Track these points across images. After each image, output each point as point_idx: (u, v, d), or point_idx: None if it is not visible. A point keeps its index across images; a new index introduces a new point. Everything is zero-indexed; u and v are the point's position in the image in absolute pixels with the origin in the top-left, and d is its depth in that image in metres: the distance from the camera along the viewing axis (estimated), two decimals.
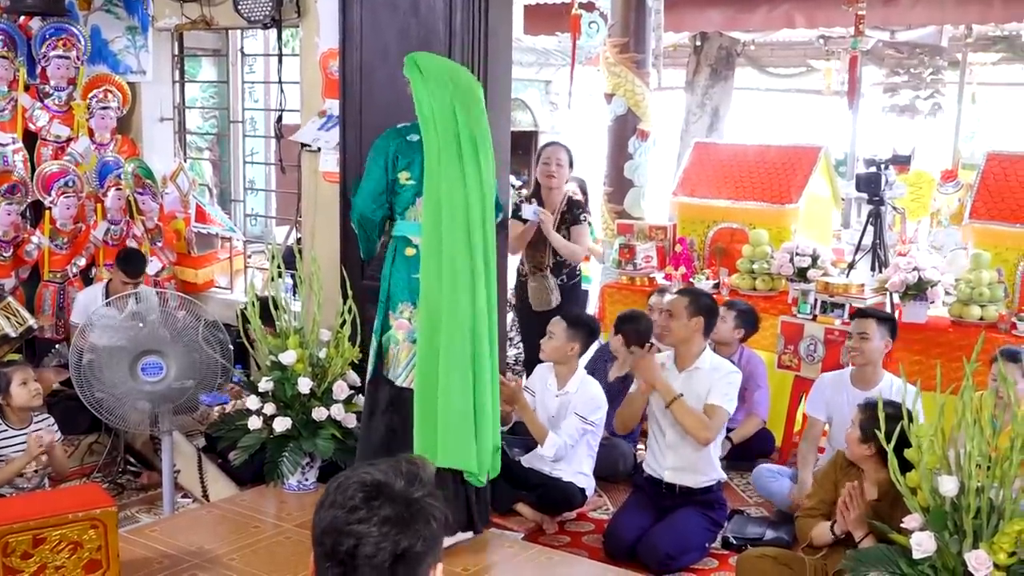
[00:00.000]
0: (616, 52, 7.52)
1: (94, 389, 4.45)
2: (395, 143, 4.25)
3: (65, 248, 6.43)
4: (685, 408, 4.41)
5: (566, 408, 4.88)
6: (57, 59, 6.41)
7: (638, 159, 7.51)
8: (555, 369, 5.00)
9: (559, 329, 4.96)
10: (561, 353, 4.95)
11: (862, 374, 4.82)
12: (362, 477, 1.76)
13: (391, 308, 4.19)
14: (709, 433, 4.43)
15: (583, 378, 4.98)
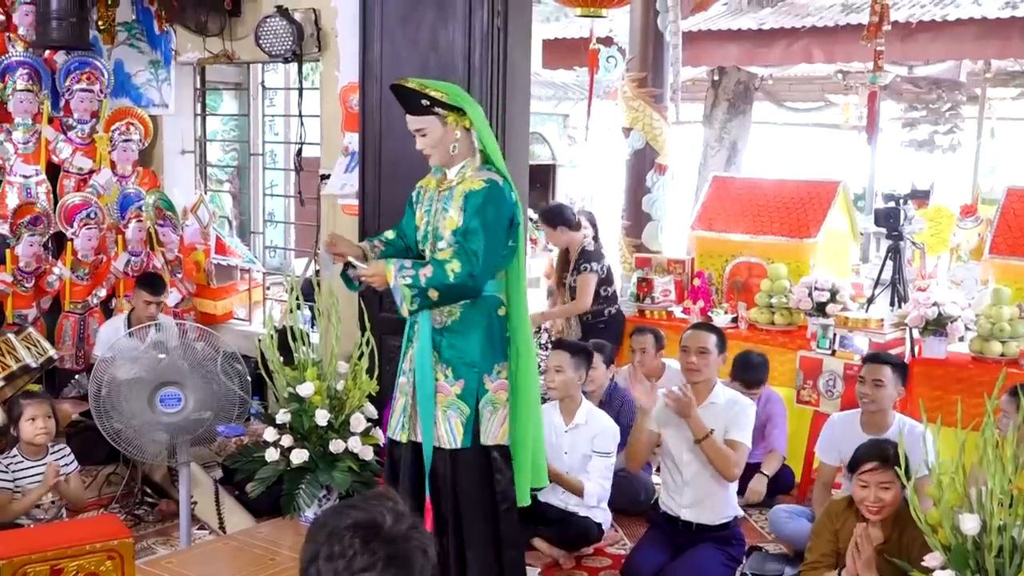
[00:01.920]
0: (634, 86, 7.56)
1: (113, 420, 4.46)
2: (514, 200, 3.84)
3: (86, 279, 6.48)
4: (716, 445, 4.35)
5: (579, 442, 4.85)
6: (81, 92, 6.49)
7: (656, 193, 7.53)
8: (559, 405, 4.97)
9: (565, 361, 4.91)
10: (573, 385, 4.93)
11: (873, 419, 4.77)
12: (350, 520, 1.72)
13: (487, 371, 3.90)
14: (737, 469, 4.39)
15: (589, 408, 4.95)
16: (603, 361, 5.43)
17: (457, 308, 3.84)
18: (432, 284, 3.67)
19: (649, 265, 6.93)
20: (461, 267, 3.68)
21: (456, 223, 3.76)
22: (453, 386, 3.85)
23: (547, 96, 13.72)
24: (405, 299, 3.69)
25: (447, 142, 3.80)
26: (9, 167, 6.29)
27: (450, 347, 3.85)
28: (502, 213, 3.77)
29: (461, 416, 3.86)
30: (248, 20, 6.37)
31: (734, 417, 4.43)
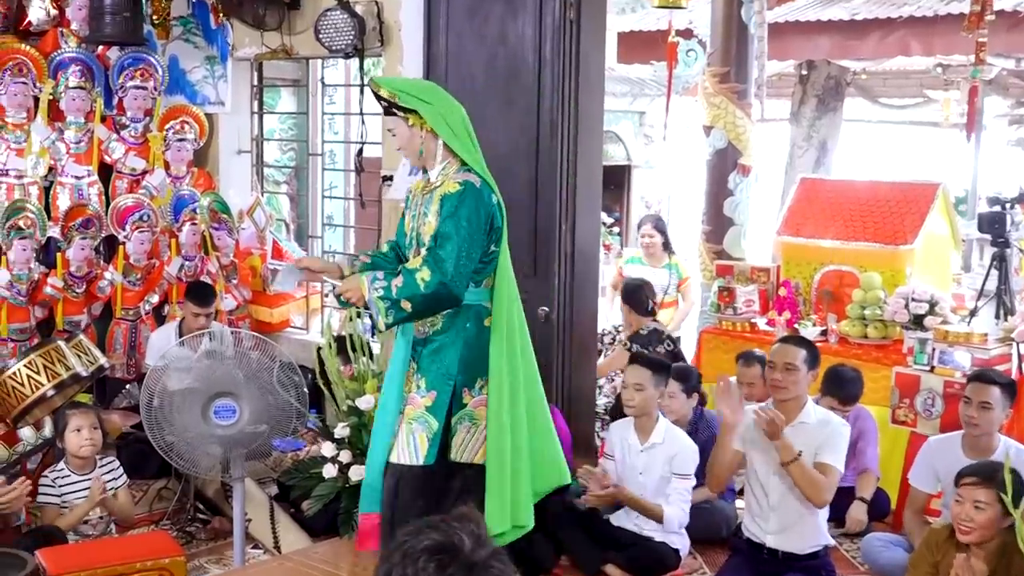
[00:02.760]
0: (716, 82, 7.50)
1: (164, 432, 4.52)
2: (493, 202, 3.88)
3: (138, 285, 6.59)
4: (805, 469, 4.28)
5: (655, 462, 4.82)
6: (134, 90, 6.62)
7: (739, 196, 7.46)
8: (635, 423, 4.94)
9: (645, 378, 4.87)
10: (653, 403, 4.89)
11: (977, 442, 4.66)
12: (427, 542, 1.69)
13: (468, 385, 3.93)
14: (828, 494, 4.33)
15: (667, 426, 4.91)
16: (684, 390, 5.30)
17: (439, 318, 3.89)
18: (403, 295, 3.69)
19: (731, 273, 6.86)
20: (431, 275, 3.68)
21: (434, 228, 3.79)
22: (424, 397, 3.89)
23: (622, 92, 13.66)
24: (380, 312, 3.71)
25: (413, 144, 3.89)
26: (61, 167, 6.43)
27: (429, 356, 3.90)
28: (479, 216, 3.77)
29: (428, 431, 3.87)
30: (307, 13, 6.44)
31: (826, 439, 4.36)
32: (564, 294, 5.44)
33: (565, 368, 5.50)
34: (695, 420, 5.34)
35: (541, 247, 5.41)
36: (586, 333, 5.71)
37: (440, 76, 5.57)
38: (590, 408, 5.99)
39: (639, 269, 7.59)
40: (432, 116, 3.84)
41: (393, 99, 3.82)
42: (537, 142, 5.35)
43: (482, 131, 5.39)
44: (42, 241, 6.23)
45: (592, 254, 5.77)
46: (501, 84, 5.43)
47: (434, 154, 3.88)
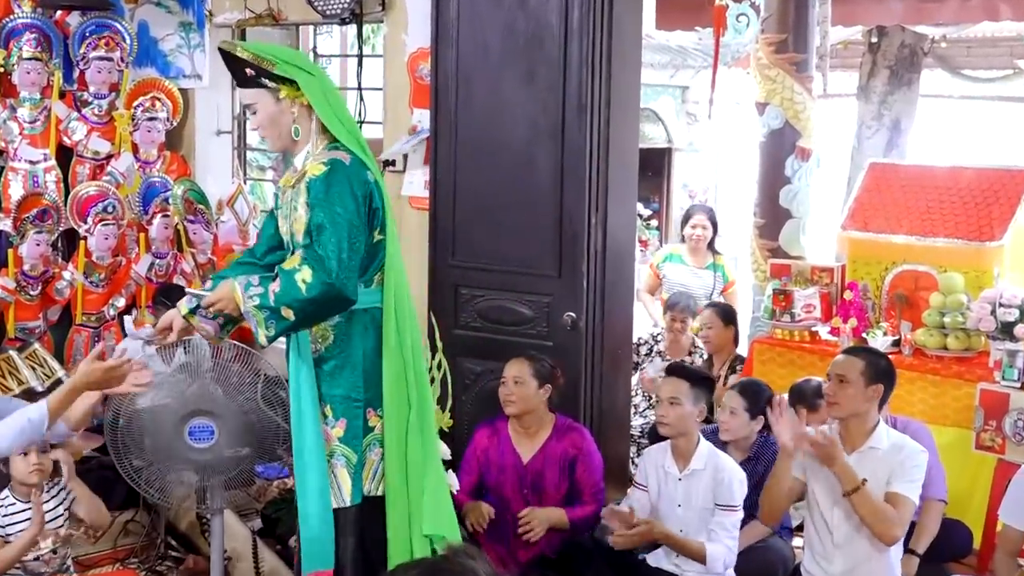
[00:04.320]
0: (771, 51, 7.49)
1: (132, 456, 4.55)
2: (370, 180, 3.83)
3: (102, 286, 6.62)
4: (869, 499, 4.29)
5: (696, 492, 4.81)
6: (98, 61, 6.64)
7: (797, 184, 7.44)
8: (672, 447, 4.93)
9: (683, 391, 4.86)
10: (691, 421, 4.89)
11: None
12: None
13: (373, 405, 3.91)
14: (898, 530, 4.33)
15: (709, 451, 4.90)
16: (748, 409, 5.28)
17: (330, 331, 3.84)
18: (283, 302, 3.63)
19: (788, 274, 6.85)
20: (313, 276, 3.62)
21: (305, 221, 3.74)
22: (334, 428, 3.86)
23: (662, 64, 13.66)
24: (259, 324, 3.66)
25: (283, 123, 3.82)
26: (13, 151, 6.45)
27: (329, 379, 3.86)
28: (354, 198, 3.71)
29: (348, 465, 3.86)
30: None
31: (899, 465, 4.36)
32: (593, 298, 5.45)
33: (594, 383, 5.52)
34: (758, 446, 5.31)
35: (567, 244, 5.42)
36: (619, 342, 5.71)
37: (451, 45, 5.59)
38: (623, 429, 5.99)
39: (678, 269, 7.59)
40: (313, 89, 3.77)
41: (266, 67, 3.73)
42: (562, 122, 5.36)
43: (499, 110, 5.45)
44: None
45: (626, 252, 5.78)
46: (521, 55, 5.43)
47: (307, 135, 3.83)
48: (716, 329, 6.57)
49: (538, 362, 5.10)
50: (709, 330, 6.60)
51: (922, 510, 5.26)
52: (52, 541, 4.77)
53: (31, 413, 3.92)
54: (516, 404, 5.07)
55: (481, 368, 5.61)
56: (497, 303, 5.61)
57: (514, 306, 5.57)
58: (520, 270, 5.52)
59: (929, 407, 5.84)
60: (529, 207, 5.45)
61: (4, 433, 3.92)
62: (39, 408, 3.91)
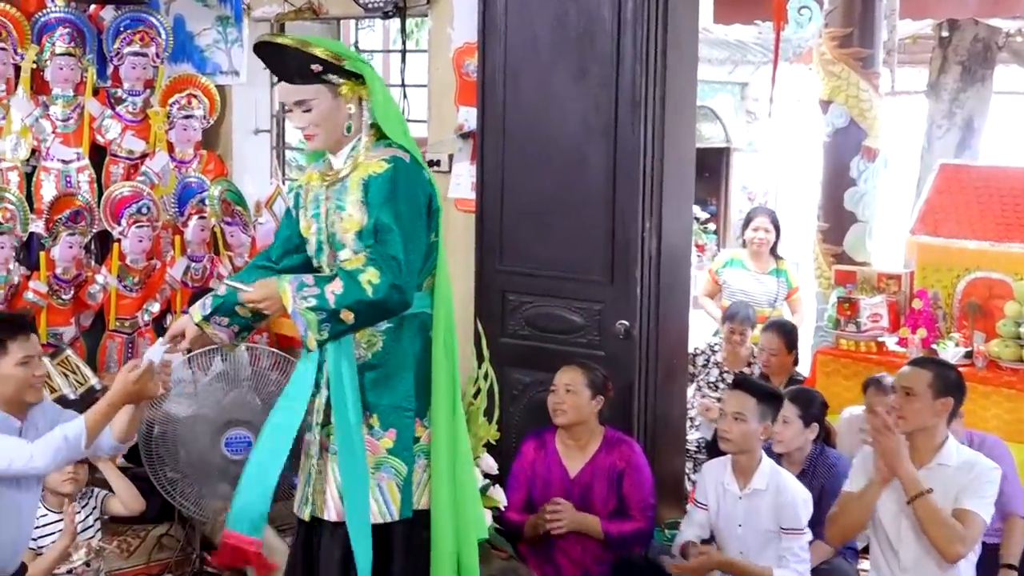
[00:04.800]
0: (835, 46, 7.46)
1: (166, 468, 4.60)
2: (429, 179, 3.90)
3: (136, 290, 6.66)
4: (933, 509, 4.25)
5: (758, 513, 4.79)
6: (132, 57, 6.69)
7: (863, 186, 7.41)
8: (733, 463, 4.92)
9: (749, 407, 4.84)
10: (755, 439, 4.87)
11: None
12: None
13: (421, 415, 3.91)
14: (962, 547, 4.28)
15: (772, 468, 4.88)
16: (801, 417, 5.25)
17: (379, 336, 3.84)
18: (345, 303, 3.62)
19: (853, 281, 6.81)
20: (381, 277, 3.62)
21: (360, 222, 3.75)
22: (382, 439, 3.83)
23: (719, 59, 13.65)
24: (311, 327, 3.64)
25: (339, 119, 3.81)
26: (45, 150, 6.50)
27: (376, 387, 3.84)
28: (417, 199, 3.75)
29: (397, 477, 3.84)
30: None
31: (970, 483, 4.32)
32: (647, 305, 5.45)
33: (648, 394, 5.52)
34: (813, 458, 5.29)
35: (620, 249, 5.42)
36: (674, 352, 5.71)
37: (498, 39, 5.61)
38: (679, 443, 5.99)
39: (739, 275, 7.56)
40: (376, 84, 3.80)
41: (338, 61, 3.73)
42: (615, 120, 5.36)
43: (548, 107, 5.47)
44: (23, 237, 6.30)
45: (682, 257, 5.78)
46: (572, 50, 5.44)
47: (358, 131, 3.84)
48: (779, 356, 6.47)
49: (592, 371, 5.11)
50: (772, 356, 6.50)
51: (1005, 529, 5.23)
52: (85, 552, 4.82)
53: (68, 431, 3.96)
54: (567, 414, 5.07)
55: (529, 378, 5.62)
56: (546, 310, 5.62)
57: (564, 313, 5.57)
58: (570, 275, 5.52)
59: (1004, 422, 5.78)
60: (580, 209, 5.46)
61: (41, 451, 3.96)
62: (76, 427, 3.95)
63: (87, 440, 3.93)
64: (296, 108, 3.78)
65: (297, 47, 3.72)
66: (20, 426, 4.27)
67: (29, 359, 4.23)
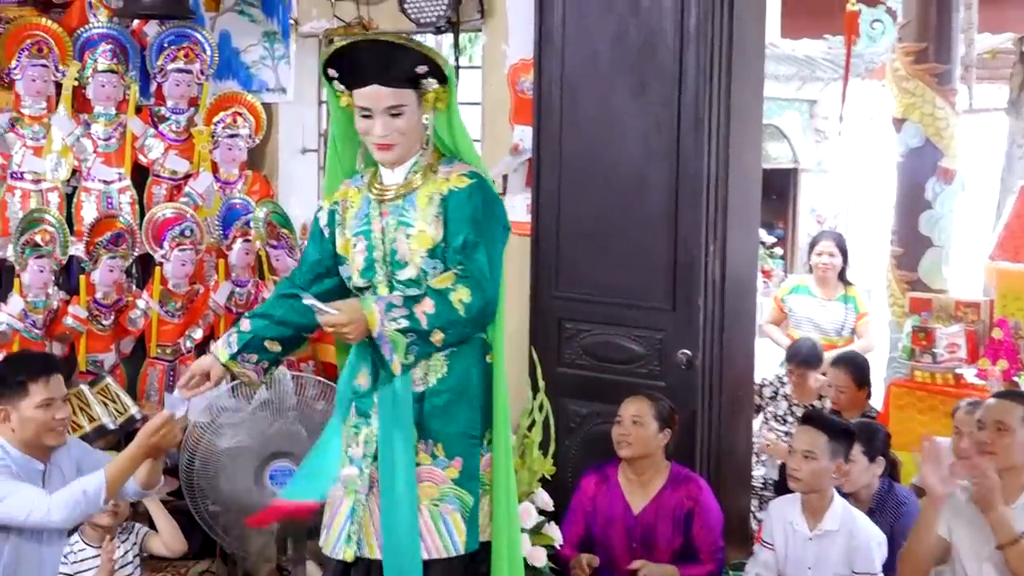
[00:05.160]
0: (910, 61, 7.41)
1: (208, 501, 4.60)
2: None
3: (178, 316, 6.69)
4: None
5: (829, 555, 4.74)
6: (176, 73, 6.72)
7: (939, 208, 7.35)
8: (802, 501, 4.86)
9: (820, 445, 4.79)
10: (826, 477, 4.82)
11: None
12: None
13: (484, 443, 3.89)
14: None
15: (844, 508, 4.83)
16: (866, 453, 5.17)
17: (443, 359, 3.79)
18: (437, 324, 3.61)
19: (929, 309, 6.75)
20: (472, 296, 3.63)
21: (434, 238, 3.73)
22: (447, 469, 3.78)
23: (787, 75, 13.59)
24: (397, 350, 3.59)
25: (420, 128, 3.78)
26: (86, 170, 6.54)
27: (440, 415, 3.79)
28: (498, 216, 3.79)
29: (463, 509, 3.79)
30: None
31: None
32: (711, 334, 5.40)
33: (712, 428, 5.46)
34: (881, 495, 5.23)
35: (682, 274, 5.38)
36: (739, 383, 5.66)
37: (555, 55, 5.59)
38: (744, 480, 5.93)
39: (805, 301, 7.50)
40: (456, 91, 3.82)
41: (439, 66, 3.72)
42: (677, 140, 5.33)
43: (607, 126, 5.44)
44: (63, 261, 6.34)
45: (747, 283, 5.73)
46: (632, 66, 5.42)
47: (424, 143, 3.82)
48: (848, 392, 6.38)
49: (659, 402, 5.07)
50: (841, 392, 6.42)
51: None
52: None
53: (88, 485, 3.97)
54: (633, 447, 5.03)
55: (587, 410, 5.58)
56: (604, 339, 5.58)
57: (623, 342, 5.53)
58: (630, 302, 5.48)
59: None
60: (640, 233, 5.42)
61: (59, 506, 3.98)
62: (96, 481, 3.96)
63: (107, 495, 3.94)
64: (383, 114, 3.71)
65: (411, 45, 3.71)
66: (44, 468, 4.29)
67: (51, 401, 4.25)
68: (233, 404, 4.84)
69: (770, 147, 13.52)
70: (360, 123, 3.76)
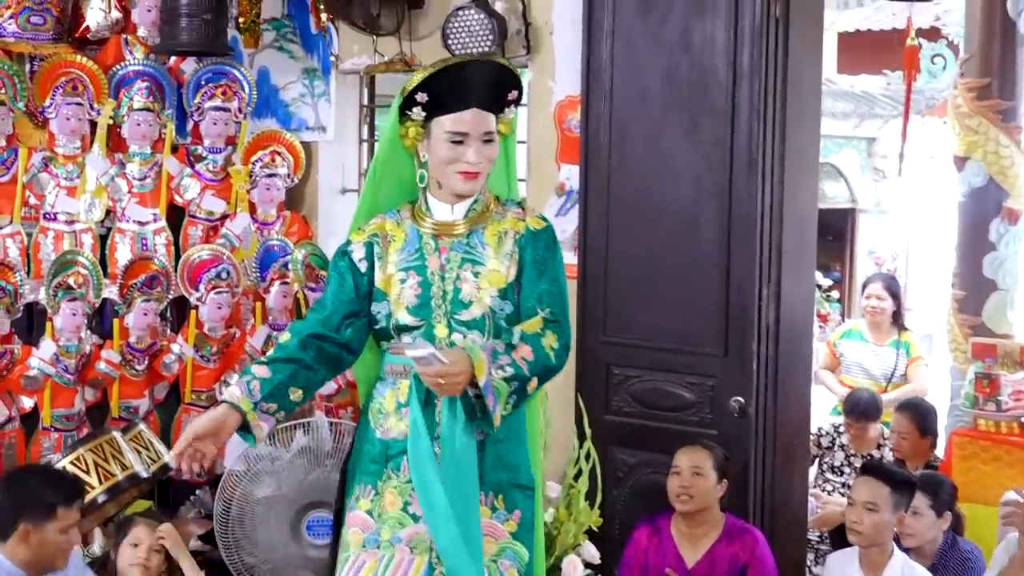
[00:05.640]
0: (972, 98, 7.40)
1: (243, 552, 4.63)
2: None
3: (213, 361, 6.72)
4: None
5: None
6: (214, 112, 6.78)
7: (1004, 250, 7.32)
8: (861, 555, 4.85)
9: (882, 497, 4.79)
10: (888, 530, 4.81)
11: None
12: None
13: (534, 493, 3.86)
14: None
15: (904, 562, 4.83)
16: (933, 507, 5.18)
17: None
18: (534, 371, 3.61)
19: (993, 355, 6.72)
20: (558, 341, 3.67)
21: (506, 277, 3.72)
22: (507, 522, 3.73)
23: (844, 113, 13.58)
24: (500, 399, 3.53)
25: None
26: (121, 211, 6.58)
27: (501, 465, 3.75)
28: (562, 262, 3.84)
29: (519, 563, 3.75)
30: (433, 13, 6.59)
31: None
32: (765, 381, 5.40)
33: (766, 478, 5.45)
34: (945, 550, 5.21)
35: (735, 319, 5.39)
36: (794, 432, 5.65)
37: (604, 92, 5.63)
38: (800, 533, 5.90)
39: (857, 347, 7.52)
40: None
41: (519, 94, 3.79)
42: (730, 180, 5.35)
43: (657, 165, 5.47)
44: (96, 304, 6.38)
45: (803, 328, 5.73)
46: (683, 104, 5.46)
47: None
48: (911, 439, 6.37)
49: (717, 452, 5.07)
50: (903, 439, 6.41)
51: None
52: None
53: None
54: (694, 500, 5.01)
55: (635, 459, 5.58)
56: (654, 385, 5.58)
57: (673, 389, 5.54)
58: (681, 348, 5.49)
59: None
60: (691, 276, 5.44)
61: None
62: None
63: None
64: (478, 140, 3.68)
65: (513, 68, 3.78)
66: None
67: (71, 528, 4.33)
68: (270, 451, 4.86)
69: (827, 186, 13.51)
70: (447, 150, 3.69)
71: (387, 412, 3.80)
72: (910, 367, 7.44)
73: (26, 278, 6.22)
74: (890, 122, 13.57)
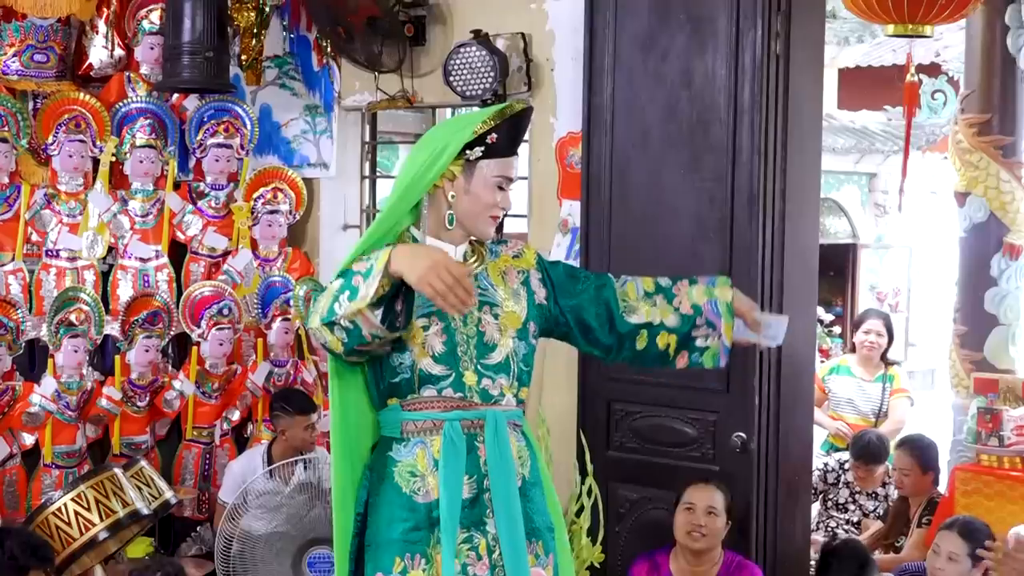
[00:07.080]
0: (972, 133, 7.41)
1: None
2: None
3: (215, 397, 6.72)
4: None
5: None
6: (216, 149, 6.79)
7: (1005, 286, 7.31)
8: None
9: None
10: None
11: None
12: None
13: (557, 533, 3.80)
14: None
15: None
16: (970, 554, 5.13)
17: (525, 448, 3.67)
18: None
19: (995, 390, 6.70)
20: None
21: (520, 316, 3.65)
22: (546, 568, 3.63)
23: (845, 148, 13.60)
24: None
25: None
26: (123, 247, 6.59)
27: (537, 509, 3.66)
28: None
29: None
30: (435, 50, 6.61)
31: None
32: (767, 417, 5.39)
33: (768, 515, 5.43)
34: None
35: (736, 355, 5.33)
36: (796, 469, 5.63)
37: (605, 129, 5.64)
38: (802, 569, 5.88)
39: (844, 383, 7.58)
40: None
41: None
42: (731, 216, 5.36)
43: (659, 202, 5.48)
44: (97, 340, 6.39)
45: (804, 364, 5.71)
46: (684, 140, 5.47)
47: None
48: (912, 475, 6.40)
49: (726, 492, 5.06)
50: (904, 476, 6.43)
51: None
52: None
53: None
54: (707, 539, 5.00)
55: (637, 495, 5.56)
56: (655, 421, 5.57)
57: (675, 425, 5.53)
58: (682, 384, 5.47)
59: None
60: None
61: None
62: None
63: None
64: (507, 185, 3.65)
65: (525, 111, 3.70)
66: None
67: None
68: (271, 487, 4.85)
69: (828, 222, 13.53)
70: (492, 194, 3.60)
71: (421, 474, 3.54)
72: (891, 399, 7.50)
73: (28, 315, 6.23)
74: (891, 158, 13.61)
